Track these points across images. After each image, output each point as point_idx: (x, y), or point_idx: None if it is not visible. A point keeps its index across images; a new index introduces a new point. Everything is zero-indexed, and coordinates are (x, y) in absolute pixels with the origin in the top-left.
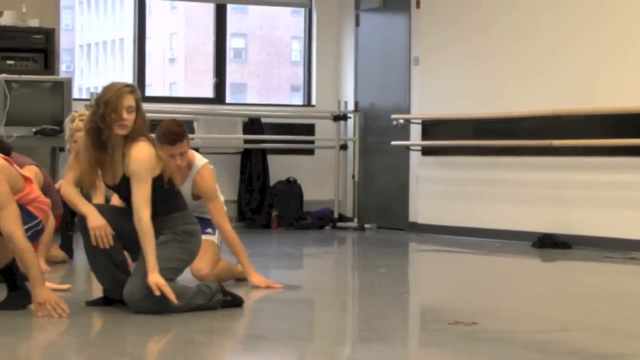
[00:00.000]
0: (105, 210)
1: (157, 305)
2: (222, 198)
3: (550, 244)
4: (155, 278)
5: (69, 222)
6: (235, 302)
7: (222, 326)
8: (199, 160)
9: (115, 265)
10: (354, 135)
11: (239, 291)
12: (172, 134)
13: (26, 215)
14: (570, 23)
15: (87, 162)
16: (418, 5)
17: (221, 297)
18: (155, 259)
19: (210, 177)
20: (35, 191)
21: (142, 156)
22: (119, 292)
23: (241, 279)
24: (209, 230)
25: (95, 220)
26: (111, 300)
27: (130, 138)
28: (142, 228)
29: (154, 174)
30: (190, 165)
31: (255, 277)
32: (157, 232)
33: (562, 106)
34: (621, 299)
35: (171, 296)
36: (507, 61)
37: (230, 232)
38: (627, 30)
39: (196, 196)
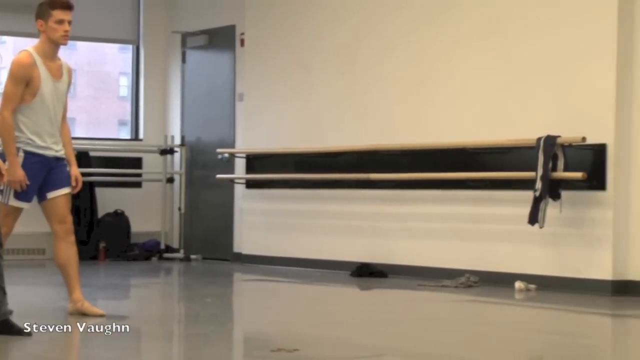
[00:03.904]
0: None
1: None
2: None
3: (367, 273)
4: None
5: None
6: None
7: (49, 356)
8: None
9: None
10: (181, 168)
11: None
12: (68, 1)
13: None
14: (386, 63)
15: None
16: (242, 43)
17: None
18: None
19: None
20: None
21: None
22: None
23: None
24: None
25: None
26: None
27: None
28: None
29: None
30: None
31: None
32: None
33: (380, 141)
34: (434, 325)
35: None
36: (327, 98)
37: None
38: (437, 70)
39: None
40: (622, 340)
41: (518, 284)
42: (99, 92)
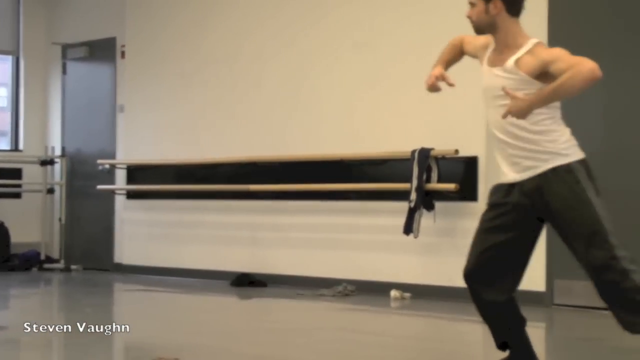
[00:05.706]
0: None
1: None
2: None
3: (247, 282)
4: None
5: None
6: None
7: None
8: None
9: None
10: (61, 179)
11: None
12: None
13: None
14: (265, 75)
15: None
16: (123, 55)
17: None
18: None
19: None
20: None
21: None
22: None
23: None
24: None
25: None
26: None
27: None
28: None
29: None
30: None
31: None
32: None
33: (258, 153)
34: (312, 333)
35: None
36: (207, 110)
37: None
38: (315, 84)
39: None
40: (492, 346)
41: (393, 293)
42: None
